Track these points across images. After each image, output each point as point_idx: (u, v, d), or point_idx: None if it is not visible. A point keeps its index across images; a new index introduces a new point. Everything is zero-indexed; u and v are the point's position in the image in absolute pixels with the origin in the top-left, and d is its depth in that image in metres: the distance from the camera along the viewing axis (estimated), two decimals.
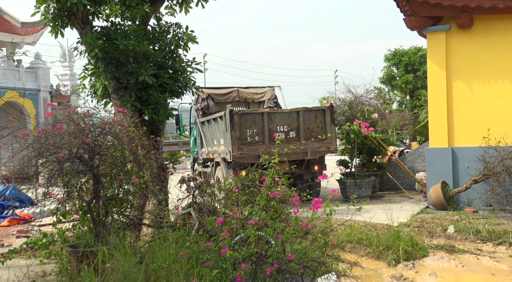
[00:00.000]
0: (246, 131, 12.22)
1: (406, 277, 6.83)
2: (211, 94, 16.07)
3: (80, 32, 8.94)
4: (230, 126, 11.92)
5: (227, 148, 12.25)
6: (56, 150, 6.29)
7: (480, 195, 11.77)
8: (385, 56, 23.08)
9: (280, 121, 12.64)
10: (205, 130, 14.75)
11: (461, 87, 12.37)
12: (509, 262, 7.54)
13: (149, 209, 7.88)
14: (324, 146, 12.98)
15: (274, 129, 12.54)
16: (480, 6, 11.45)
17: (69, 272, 6.17)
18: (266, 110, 12.75)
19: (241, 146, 12.09)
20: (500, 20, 11.95)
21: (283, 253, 5.34)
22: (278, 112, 12.96)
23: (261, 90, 16.84)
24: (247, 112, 12.71)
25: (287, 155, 11.88)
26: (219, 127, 13.16)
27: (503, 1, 11.26)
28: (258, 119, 12.39)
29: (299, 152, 12.53)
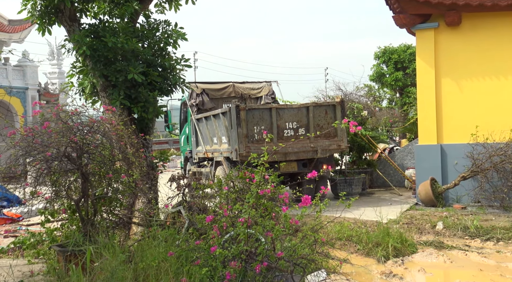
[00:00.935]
0: (253, 128, 11.46)
1: (395, 274, 6.87)
2: (206, 89, 15.14)
3: (67, 29, 8.87)
4: (236, 123, 11.19)
5: (232, 146, 11.55)
6: (44, 148, 6.24)
7: (468, 191, 11.85)
8: (375, 54, 23.14)
9: (289, 118, 11.92)
10: (202, 128, 13.96)
11: (450, 85, 12.44)
12: (496, 258, 7.61)
13: (139, 207, 7.85)
14: (334, 144, 12.39)
15: (282, 126, 11.83)
16: (468, 4, 11.51)
17: (57, 271, 6.13)
18: (275, 106, 12.05)
19: (248, 144, 11.32)
20: (488, 18, 12.02)
21: (273, 250, 5.34)
22: (286, 108, 12.17)
23: (257, 86, 16.06)
24: (255, 108, 11.85)
25: (296, 154, 11.55)
26: (222, 124, 12.39)
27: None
28: (265, 115, 11.66)
29: (309, 150, 11.95)
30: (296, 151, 11.60)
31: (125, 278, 5.06)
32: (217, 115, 12.76)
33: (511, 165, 11.29)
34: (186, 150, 16.27)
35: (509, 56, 11.94)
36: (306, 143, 11.75)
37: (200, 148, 14.18)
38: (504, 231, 9.01)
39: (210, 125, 13.28)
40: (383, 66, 22.82)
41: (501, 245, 8.36)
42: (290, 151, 11.44)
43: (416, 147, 13.05)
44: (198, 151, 14.50)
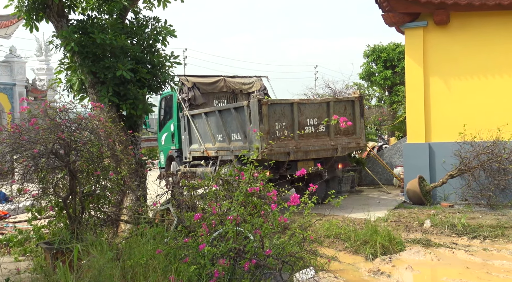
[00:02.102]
0: (275, 125, 10.62)
1: (383, 271, 6.90)
2: (197, 83, 14.25)
3: (55, 25, 8.80)
4: (258, 118, 10.28)
5: (251, 144, 10.67)
6: (31, 145, 6.20)
7: (456, 189, 11.95)
8: (364, 52, 23.20)
9: (310, 114, 11.12)
10: (200, 124, 12.95)
11: (438, 83, 12.51)
12: (483, 256, 7.66)
13: (127, 205, 7.82)
14: (353, 142, 11.78)
15: (303, 123, 11.02)
16: (456, 3, 11.58)
17: (44, 269, 6.09)
18: (297, 101, 11.14)
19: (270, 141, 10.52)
20: (476, 17, 12.11)
21: (262, 248, 5.34)
22: (308, 103, 11.37)
23: (248, 80, 15.37)
24: (277, 103, 10.93)
25: (316, 152, 10.95)
26: (233, 120, 11.39)
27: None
28: (287, 110, 10.82)
29: (329, 148, 11.28)
30: (317, 149, 11.03)
31: (113, 276, 5.03)
32: (225, 110, 11.88)
33: (498, 164, 11.39)
34: (169, 149, 15.17)
35: (496, 56, 12.03)
36: (326, 141, 11.18)
37: (196, 146, 13.25)
38: (490, 229, 9.08)
39: (214, 121, 12.35)
40: (373, 65, 22.90)
41: (487, 243, 8.43)
42: (312, 149, 10.93)
43: (404, 145, 13.12)
44: (193, 150, 13.52)
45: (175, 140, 14.71)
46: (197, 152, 13.20)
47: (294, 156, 10.42)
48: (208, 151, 12.49)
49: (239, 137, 11.33)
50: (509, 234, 8.85)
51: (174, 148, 14.81)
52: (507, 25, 11.91)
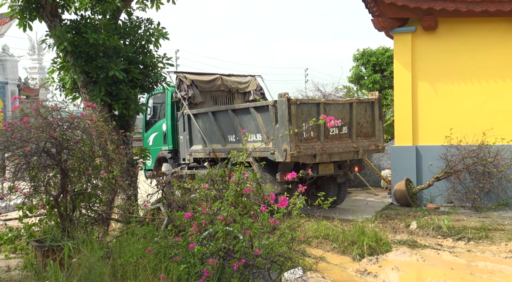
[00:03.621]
0: (302, 126, 9.96)
1: (369, 272, 6.92)
2: (195, 81, 13.31)
3: (49, 25, 8.76)
4: (287, 118, 9.64)
5: (278, 145, 9.92)
6: (23, 143, 6.16)
7: (441, 192, 12.03)
8: (353, 56, 23.23)
9: (335, 115, 10.47)
10: (205, 124, 12.00)
11: (426, 88, 12.59)
12: (467, 257, 7.72)
13: (118, 204, 7.79)
14: (373, 144, 11.24)
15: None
16: (444, 9, 11.67)
17: (34, 266, 6.06)
18: (323, 101, 10.58)
19: (298, 143, 9.84)
20: (463, 23, 12.21)
21: (251, 248, 5.35)
22: (333, 104, 10.77)
23: (244, 80, 14.62)
24: (304, 102, 10.26)
25: (339, 154, 10.49)
26: (252, 120, 10.63)
27: (466, 5, 11.51)
28: (313, 111, 10.21)
29: (351, 151, 10.73)
30: (340, 152, 10.50)
31: (103, 274, 5.01)
32: (242, 109, 11.04)
33: (483, 167, 11.48)
34: (159, 150, 14.09)
35: (483, 61, 12.13)
36: (349, 143, 10.69)
37: (199, 147, 12.23)
38: (475, 231, 9.14)
39: (225, 121, 11.43)
40: (362, 68, 22.95)
41: (471, 244, 8.49)
42: (335, 151, 10.40)
43: (392, 148, 13.19)
44: (195, 151, 12.42)
45: (168, 140, 13.74)
46: (200, 153, 12.28)
47: (320, 158, 10.03)
48: (217, 152, 11.62)
49: (258, 138, 10.61)
50: (493, 236, 8.92)
51: (166, 148, 13.83)
52: (493, 31, 12.02)
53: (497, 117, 11.88)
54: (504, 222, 10.04)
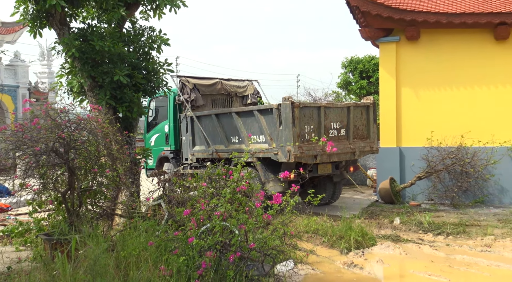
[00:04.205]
0: (304, 128, 9.81)
1: (356, 264, 6.93)
2: (197, 84, 12.98)
3: (58, 33, 8.73)
4: (291, 121, 9.47)
5: (281, 146, 9.73)
6: (33, 143, 6.14)
7: (423, 190, 12.07)
8: (342, 63, 23.26)
9: (334, 118, 10.40)
10: (208, 126, 11.69)
11: (409, 93, 12.63)
12: (446, 250, 7.74)
13: (122, 200, 7.77)
14: (368, 145, 11.07)
15: (328, 126, 10.30)
16: (426, 20, 11.71)
17: (43, 258, 6.04)
18: (323, 104, 10.45)
19: (301, 144, 9.65)
20: (444, 34, 12.26)
21: (246, 242, 5.34)
22: (332, 107, 10.54)
23: (242, 84, 14.32)
24: (307, 106, 10.11)
25: (338, 155, 10.32)
26: (256, 122, 10.41)
27: (446, 17, 11.56)
28: (315, 114, 10.04)
29: (349, 152, 10.57)
30: (339, 153, 10.28)
31: (107, 266, 4.99)
32: (245, 112, 10.79)
33: (461, 167, 11.53)
34: (161, 150, 13.78)
35: (461, 69, 12.19)
36: (346, 144, 10.54)
37: (202, 147, 11.93)
38: (453, 227, 9.18)
39: (228, 123, 11.17)
40: (350, 75, 22.98)
41: (450, 239, 8.52)
42: (338, 152, 10.16)
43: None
44: (197, 151, 12.14)
45: (171, 141, 13.44)
46: (203, 153, 11.99)
47: (320, 158, 9.93)
48: (220, 152, 11.34)
49: (261, 140, 10.41)
50: (470, 231, 8.96)
51: (168, 149, 13.53)
52: (471, 41, 12.08)
53: (474, 121, 11.93)
54: (480, 218, 10.09)
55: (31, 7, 8.48)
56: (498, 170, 11.53)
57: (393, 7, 11.82)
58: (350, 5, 12.25)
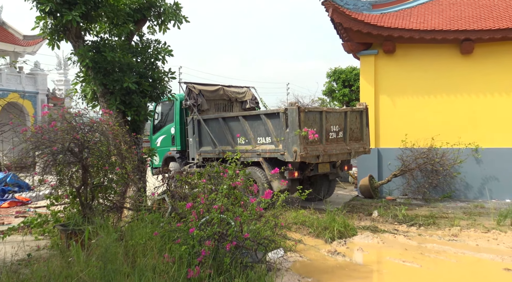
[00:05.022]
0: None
1: (339, 252, 6.93)
2: (202, 90, 12.70)
3: (73, 45, 8.69)
4: (297, 124, 9.28)
5: (288, 147, 9.46)
6: (51, 143, 6.11)
7: (398, 186, 12.11)
8: (327, 73, 23.30)
9: (334, 121, 10.22)
10: (215, 128, 11.35)
11: (386, 100, 12.68)
12: (418, 240, 7.76)
13: (130, 195, 7.72)
14: (361, 147, 10.88)
15: (328, 129, 10.09)
16: (401, 36, 11.77)
17: (59, 247, 6.00)
18: (325, 109, 10.23)
19: (306, 145, 9.39)
20: (417, 48, 12.32)
21: (241, 232, 5.33)
22: (332, 112, 10.31)
23: (241, 90, 14.01)
24: (311, 110, 9.87)
25: (336, 155, 10.15)
26: (262, 125, 10.11)
27: (418, 33, 11.62)
28: (317, 118, 9.83)
29: (345, 152, 10.36)
30: (337, 153, 10.11)
31: (117, 253, 4.97)
32: (252, 116, 10.51)
33: (431, 166, 11.58)
34: (167, 150, 13.41)
35: (432, 79, 12.25)
36: (343, 146, 10.35)
37: (209, 148, 11.56)
38: (424, 218, 9.21)
39: (234, 125, 10.87)
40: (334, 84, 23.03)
41: (422, 229, 8.54)
42: (334, 152, 10.01)
43: None
44: (204, 151, 11.74)
45: (177, 142, 13.09)
46: (210, 153, 11.60)
47: (322, 158, 9.72)
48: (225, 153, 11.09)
49: (267, 141, 10.13)
50: (439, 222, 8.98)
51: (174, 149, 13.17)
52: (441, 55, 12.15)
53: (443, 126, 11.99)
54: (448, 211, 10.13)
55: (50, 22, 8.43)
56: (464, 169, 11.60)
57: (372, 24, 11.86)
58: (334, 22, 12.28)
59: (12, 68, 24.33)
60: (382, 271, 6.20)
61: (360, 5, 12.59)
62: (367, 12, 12.56)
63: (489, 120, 11.71)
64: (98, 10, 8.52)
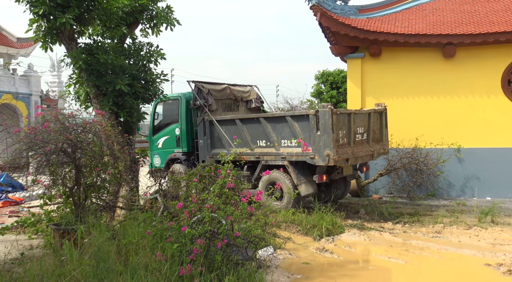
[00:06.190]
0: (339, 133, 8.96)
1: (327, 249, 6.94)
2: (210, 89, 11.80)
3: (67, 47, 8.59)
4: (330, 127, 8.68)
5: (319, 151, 8.79)
6: (44, 144, 6.03)
7: (384, 185, 12.16)
8: (315, 76, 23.40)
9: (360, 123, 9.65)
10: (230, 130, 10.51)
11: (372, 102, 12.71)
12: (403, 237, 7.80)
13: (122, 194, 7.67)
14: (382, 148, 10.36)
15: (355, 131, 9.51)
16: (386, 40, 11.83)
17: (53, 245, 5.93)
18: (353, 111, 9.59)
19: (337, 149, 8.78)
20: (401, 51, 12.39)
21: (232, 230, 5.32)
22: (358, 113, 9.72)
23: (246, 89, 13.18)
24: (342, 113, 9.21)
25: (362, 157, 9.66)
26: (288, 127, 9.40)
27: (403, 37, 11.69)
28: (346, 120, 9.24)
29: (369, 154, 9.82)
30: (362, 155, 9.61)
31: (110, 252, 4.92)
32: (276, 118, 9.76)
33: (416, 165, 11.65)
34: (171, 152, 12.19)
35: (416, 81, 12.33)
36: (367, 147, 9.83)
37: (223, 150, 10.39)
38: (409, 216, 9.26)
39: (254, 127, 10.05)
40: (322, 86, 23.10)
41: (407, 227, 8.59)
42: (360, 155, 9.50)
43: None
44: (217, 154, 10.15)
45: (183, 143, 11.93)
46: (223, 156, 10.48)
47: (351, 161, 9.24)
48: (244, 156, 10.09)
49: (293, 144, 9.37)
50: (423, 220, 9.04)
51: (180, 151, 12.01)
52: (424, 58, 12.23)
53: (427, 126, 12.07)
54: (431, 209, 10.21)
55: (43, 25, 8.33)
56: (447, 168, 11.69)
57: (358, 28, 11.90)
58: (322, 26, 12.30)
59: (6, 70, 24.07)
60: (369, 268, 6.23)
61: (347, 10, 12.63)
62: (354, 17, 12.60)
63: (471, 121, 11.83)
64: (91, 13, 8.44)
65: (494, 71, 11.64)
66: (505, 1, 12.62)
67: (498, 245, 7.20)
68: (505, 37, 11.03)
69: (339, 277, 5.73)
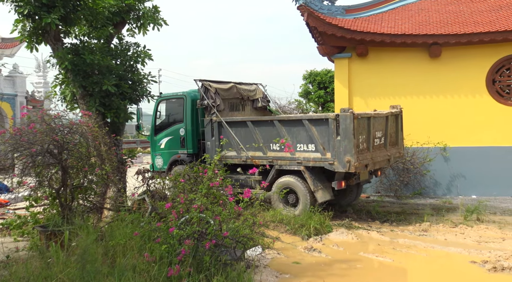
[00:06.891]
0: (359, 138, 8.52)
1: (315, 248, 6.97)
2: (218, 89, 11.11)
3: (52, 47, 8.51)
4: (352, 132, 8.24)
5: (339, 156, 8.37)
6: (30, 145, 5.97)
7: (371, 184, 12.22)
8: (303, 75, 23.44)
9: (378, 127, 9.22)
10: (241, 132, 9.94)
11: (359, 102, 12.81)
12: (390, 235, 7.87)
13: (110, 195, 7.61)
14: (397, 152, 9.96)
15: (373, 135, 9.03)
16: (373, 40, 11.92)
17: (39, 248, 5.86)
18: (372, 115, 9.14)
19: (358, 154, 8.36)
20: (388, 51, 12.49)
21: (220, 231, 5.31)
22: (377, 117, 9.28)
23: (251, 88, 12.47)
24: (362, 117, 8.73)
25: (379, 162, 9.21)
26: (305, 131, 8.92)
27: (389, 37, 11.79)
28: (365, 124, 8.78)
29: (386, 159, 9.39)
30: (380, 160, 9.17)
31: (97, 254, 4.88)
32: (291, 121, 9.25)
33: (402, 164, 11.74)
34: (175, 153, 11.49)
35: (402, 81, 12.43)
36: (384, 152, 9.42)
37: (233, 153, 9.99)
38: (396, 215, 9.34)
39: (267, 130, 9.50)
40: (309, 86, 23.16)
41: (394, 225, 8.66)
42: (378, 160, 9.08)
43: None
44: (227, 157, 9.93)
45: (188, 145, 11.23)
46: (234, 159, 9.97)
47: (370, 167, 8.86)
48: (256, 159, 9.62)
49: (310, 149, 8.94)
50: (410, 218, 9.13)
51: (184, 152, 11.29)
52: (410, 58, 12.35)
53: (413, 125, 12.16)
54: (418, 207, 10.31)
55: (28, 25, 8.24)
56: (433, 167, 11.80)
57: (345, 28, 11.97)
58: (310, 26, 12.35)
59: None
60: (357, 266, 6.27)
61: (334, 10, 12.70)
62: (341, 17, 12.67)
63: (456, 120, 11.97)
64: (77, 13, 8.36)
65: (479, 71, 11.80)
66: (489, 2, 12.80)
67: (483, 243, 7.31)
68: (489, 37, 11.19)
69: (328, 276, 5.76)
